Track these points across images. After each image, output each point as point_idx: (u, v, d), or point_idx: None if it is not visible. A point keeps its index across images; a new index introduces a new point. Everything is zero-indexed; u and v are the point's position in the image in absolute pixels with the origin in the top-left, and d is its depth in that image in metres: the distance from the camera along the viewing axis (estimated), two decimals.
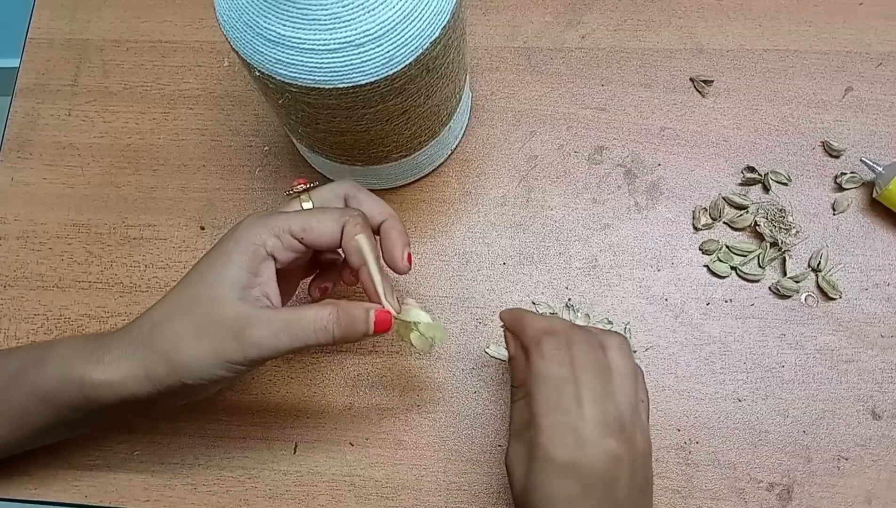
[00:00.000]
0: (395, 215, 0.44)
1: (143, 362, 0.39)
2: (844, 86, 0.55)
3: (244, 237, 0.40)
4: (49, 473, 0.50)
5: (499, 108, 0.57)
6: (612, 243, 0.53)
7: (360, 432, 0.50)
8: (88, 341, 0.42)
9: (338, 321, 0.40)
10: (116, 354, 0.40)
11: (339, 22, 0.37)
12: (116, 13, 0.61)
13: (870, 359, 0.49)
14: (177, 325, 0.39)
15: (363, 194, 0.44)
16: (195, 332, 0.39)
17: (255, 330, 0.38)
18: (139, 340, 0.40)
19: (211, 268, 0.40)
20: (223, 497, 0.49)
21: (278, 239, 0.40)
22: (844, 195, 0.53)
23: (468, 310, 0.52)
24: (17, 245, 0.56)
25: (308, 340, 0.39)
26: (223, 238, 0.41)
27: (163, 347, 0.39)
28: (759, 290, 0.51)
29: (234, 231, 0.41)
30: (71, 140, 0.58)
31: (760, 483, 0.48)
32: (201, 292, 0.39)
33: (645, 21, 0.58)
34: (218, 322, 0.38)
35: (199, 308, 0.39)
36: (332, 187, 0.44)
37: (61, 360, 0.41)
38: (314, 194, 0.43)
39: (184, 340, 0.39)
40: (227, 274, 0.39)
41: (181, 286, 0.41)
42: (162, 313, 0.40)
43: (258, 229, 0.40)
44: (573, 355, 0.38)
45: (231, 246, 0.40)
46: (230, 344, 0.38)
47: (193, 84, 0.59)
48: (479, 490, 0.48)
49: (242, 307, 0.39)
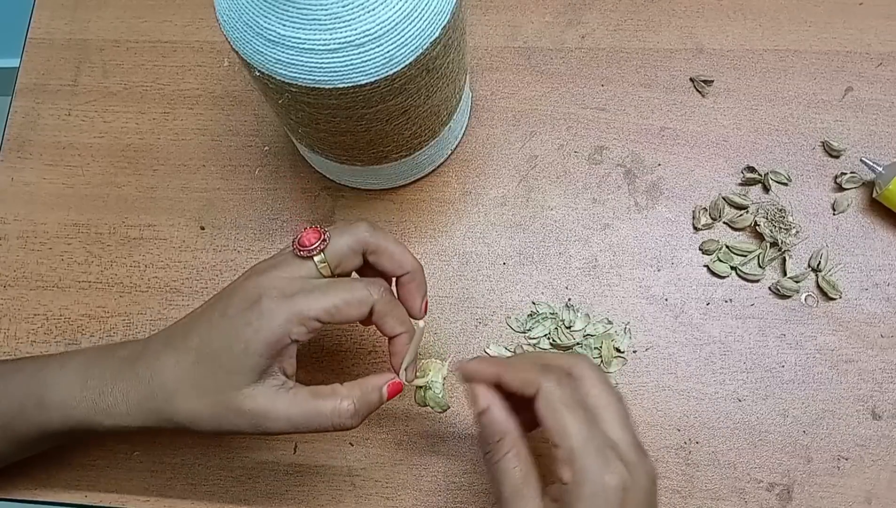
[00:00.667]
0: (418, 268, 0.42)
1: (156, 419, 0.40)
2: (844, 86, 0.55)
3: (266, 327, 0.38)
4: (49, 473, 0.50)
5: (499, 108, 0.57)
6: (612, 243, 0.53)
7: (360, 432, 0.50)
8: (87, 383, 0.41)
9: (356, 414, 0.39)
10: (124, 409, 0.40)
11: (339, 22, 0.37)
12: (116, 13, 0.61)
13: (870, 359, 0.49)
14: (192, 404, 0.39)
15: (381, 244, 0.41)
16: (213, 415, 0.39)
17: (273, 423, 0.38)
18: (152, 404, 0.40)
19: (227, 350, 0.38)
20: (223, 497, 0.49)
21: (303, 326, 0.38)
22: (844, 195, 0.53)
23: (468, 310, 0.52)
24: (17, 245, 0.56)
25: (326, 428, 0.39)
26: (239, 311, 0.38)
27: (179, 421, 0.39)
28: (759, 290, 0.51)
29: (252, 313, 0.38)
30: (71, 140, 0.58)
31: (760, 483, 0.48)
32: (217, 374, 0.38)
33: (645, 21, 0.58)
34: (235, 412, 0.38)
35: (216, 394, 0.38)
36: (348, 239, 0.41)
37: (63, 406, 0.41)
38: (328, 249, 0.40)
39: (201, 420, 0.39)
40: (245, 363, 0.38)
41: (193, 355, 0.39)
42: (173, 382, 0.39)
43: (282, 320, 0.38)
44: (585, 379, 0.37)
45: (250, 334, 0.38)
46: (247, 428, 0.39)
47: (193, 84, 0.59)
48: (479, 490, 0.48)
49: (260, 397, 0.38)
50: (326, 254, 0.40)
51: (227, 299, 0.40)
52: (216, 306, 0.40)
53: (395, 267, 0.42)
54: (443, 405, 0.43)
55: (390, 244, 0.41)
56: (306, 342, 0.39)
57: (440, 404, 0.43)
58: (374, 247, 0.41)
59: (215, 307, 0.40)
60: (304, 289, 0.39)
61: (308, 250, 0.40)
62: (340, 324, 0.40)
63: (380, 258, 0.41)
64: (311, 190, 0.56)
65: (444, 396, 0.43)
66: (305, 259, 0.40)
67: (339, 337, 0.52)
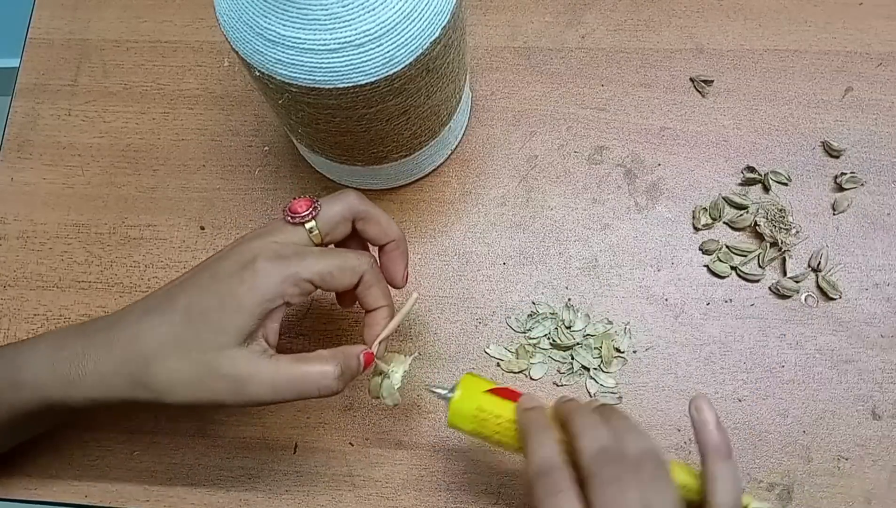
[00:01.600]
0: (402, 237, 0.43)
1: (130, 387, 0.39)
2: (844, 86, 0.55)
3: (261, 285, 0.38)
4: (49, 473, 0.50)
5: (499, 108, 0.57)
6: (612, 243, 0.53)
7: (360, 432, 0.50)
8: (58, 354, 0.40)
9: (341, 376, 0.39)
10: (97, 378, 0.39)
11: (339, 22, 0.37)
12: (116, 13, 0.61)
13: (870, 359, 0.49)
14: (171, 365, 0.38)
15: (370, 211, 0.42)
16: (192, 379, 0.38)
17: (256, 388, 0.38)
18: (126, 369, 0.38)
19: (218, 308, 0.38)
20: (223, 497, 0.49)
21: (297, 287, 0.38)
22: (844, 195, 0.53)
23: (468, 310, 0.52)
24: (17, 245, 0.56)
25: (310, 395, 0.39)
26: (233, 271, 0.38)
27: (155, 387, 0.38)
28: (759, 290, 0.51)
29: (246, 271, 0.38)
30: (71, 140, 0.58)
31: (760, 483, 0.48)
32: (202, 333, 0.38)
33: (645, 21, 0.58)
34: (217, 375, 0.38)
35: (198, 353, 0.38)
36: (338, 206, 0.41)
37: (35, 385, 0.40)
38: (320, 216, 0.41)
39: (179, 384, 0.38)
40: (234, 321, 0.38)
41: (180, 315, 0.38)
42: (154, 342, 0.38)
43: (278, 279, 0.38)
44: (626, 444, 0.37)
45: (244, 292, 0.38)
46: (228, 395, 0.38)
47: (193, 84, 0.59)
48: (479, 490, 0.48)
49: (243, 361, 0.38)
50: (318, 221, 0.41)
51: (216, 263, 0.39)
52: (206, 270, 0.40)
53: (382, 235, 0.43)
54: (395, 399, 0.43)
55: (378, 212, 0.42)
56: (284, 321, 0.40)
57: (393, 396, 0.43)
58: (364, 214, 0.42)
59: (205, 272, 0.39)
60: (298, 253, 0.39)
61: (301, 217, 0.40)
62: (330, 290, 0.40)
63: (367, 225, 0.42)
64: (311, 190, 0.56)
65: (399, 390, 0.43)
66: (297, 226, 0.40)
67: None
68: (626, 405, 0.49)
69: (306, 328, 0.52)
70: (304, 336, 0.52)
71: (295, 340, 0.52)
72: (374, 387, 0.43)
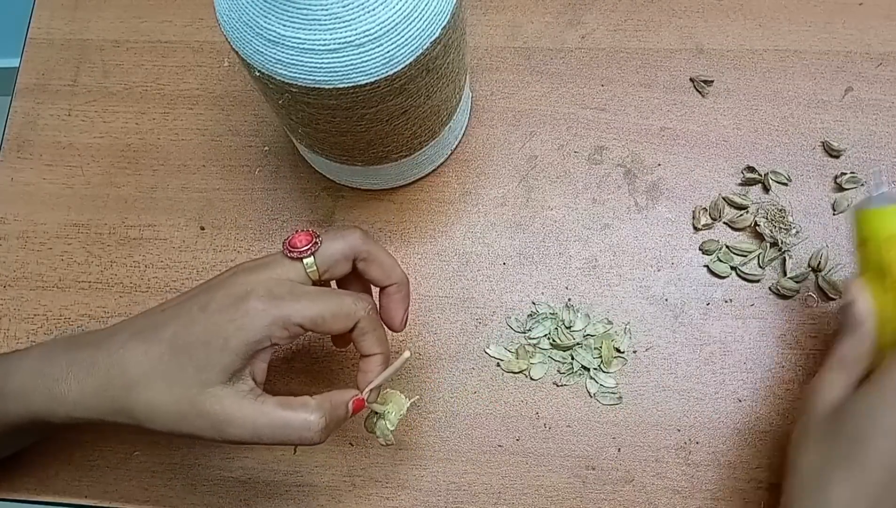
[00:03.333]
0: (404, 280, 0.42)
1: (111, 410, 0.38)
2: (844, 86, 0.55)
3: (249, 326, 0.37)
4: (49, 473, 0.50)
5: (499, 108, 0.57)
6: (612, 243, 0.53)
7: (361, 432, 0.50)
8: (44, 369, 0.39)
9: (325, 428, 0.38)
10: (78, 397, 0.38)
11: (339, 22, 0.37)
12: (116, 13, 0.61)
13: None
14: (153, 396, 0.37)
15: (373, 252, 0.41)
16: (173, 412, 0.37)
17: (237, 430, 0.37)
18: (109, 394, 0.38)
19: (204, 345, 0.37)
20: (223, 497, 0.49)
21: (286, 330, 0.37)
22: (844, 195, 0.53)
23: (468, 310, 0.52)
24: (17, 245, 0.56)
25: (291, 443, 0.38)
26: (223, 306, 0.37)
27: (135, 415, 0.38)
28: (759, 290, 0.51)
29: (237, 310, 0.37)
30: (71, 140, 0.58)
31: (761, 483, 0.48)
32: (186, 368, 0.37)
33: (645, 21, 0.58)
34: (199, 411, 0.37)
35: (182, 388, 0.37)
36: (339, 244, 0.40)
37: (19, 394, 0.39)
38: (319, 252, 0.40)
39: (160, 415, 0.37)
40: (220, 359, 0.37)
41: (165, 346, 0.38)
42: (137, 372, 0.38)
43: (267, 321, 0.37)
44: None
45: (231, 331, 0.37)
46: (207, 432, 0.37)
47: (193, 84, 0.59)
48: (479, 490, 0.48)
49: (227, 400, 0.37)
50: (316, 257, 0.39)
51: (208, 293, 0.39)
52: (196, 300, 0.39)
53: (384, 277, 0.41)
54: (388, 439, 0.43)
55: (381, 253, 0.41)
56: None
57: (387, 437, 0.42)
58: (366, 254, 0.41)
59: (195, 301, 0.39)
60: (292, 293, 0.38)
61: (299, 252, 0.39)
62: (323, 334, 0.40)
63: (369, 267, 0.41)
64: (311, 190, 0.56)
65: (393, 432, 0.42)
66: (294, 261, 0.39)
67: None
68: (626, 405, 0.49)
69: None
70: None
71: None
72: (370, 426, 0.43)
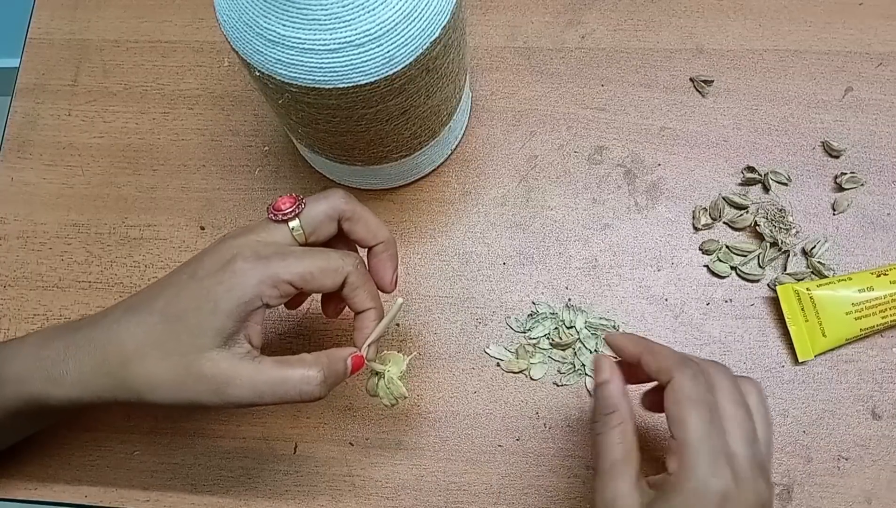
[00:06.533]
0: (391, 239, 0.42)
1: (110, 387, 0.38)
2: (844, 86, 0.55)
3: (238, 286, 0.37)
4: (49, 473, 0.50)
5: (499, 108, 0.57)
6: (612, 243, 0.53)
7: (360, 432, 0.50)
8: (41, 353, 0.39)
9: (325, 382, 0.38)
10: (76, 376, 0.38)
11: (339, 22, 0.37)
12: (116, 13, 0.61)
13: (870, 359, 0.49)
14: (150, 366, 0.37)
15: (357, 211, 0.41)
16: (172, 380, 0.37)
17: (236, 390, 0.37)
18: (105, 369, 0.38)
19: (195, 310, 0.37)
20: (223, 497, 0.49)
21: (276, 289, 0.37)
22: (844, 195, 0.53)
23: (468, 310, 0.52)
24: (17, 245, 0.56)
25: (292, 399, 0.38)
26: (211, 271, 0.38)
27: (135, 387, 0.38)
28: (759, 290, 0.51)
29: (225, 272, 0.37)
30: (71, 140, 0.58)
31: None
32: (181, 335, 0.37)
33: (645, 21, 0.58)
34: (197, 376, 0.37)
35: (178, 355, 0.37)
36: (323, 205, 0.40)
37: (17, 379, 0.39)
38: (303, 214, 0.40)
39: (159, 385, 0.37)
40: (212, 323, 0.37)
41: (158, 316, 0.38)
42: (133, 344, 0.38)
43: (255, 280, 0.37)
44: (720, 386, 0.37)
45: (220, 293, 0.37)
46: (208, 397, 0.37)
47: (193, 84, 0.59)
48: (479, 490, 0.48)
49: (224, 362, 0.37)
50: (301, 219, 0.40)
51: (196, 262, 0.39)
52: (185, 269, 0.39)
53: (370, 236, 0.41)
54: (391, 399, 0.42)
55: (365, 213, 0.41)
56: None
57: (390, 395, 0.42)
58: (350, 214, 0.41)
59: (184, 271, 0.39)
60: (279, 253, 0.38)
61: (283, 214, 0.39)
62: (313, 292, 0.39)
63: (355, 226, 0.41)
64: (311, 190, 0.56)
65: (396, 389, 0.42)
66: (280, 224, 0.40)
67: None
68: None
69: (305, 328, 0.52)
70: (304, 337, 0.52)
71: (295, 340, 0.52)
72: (371, 386, 0.43)
